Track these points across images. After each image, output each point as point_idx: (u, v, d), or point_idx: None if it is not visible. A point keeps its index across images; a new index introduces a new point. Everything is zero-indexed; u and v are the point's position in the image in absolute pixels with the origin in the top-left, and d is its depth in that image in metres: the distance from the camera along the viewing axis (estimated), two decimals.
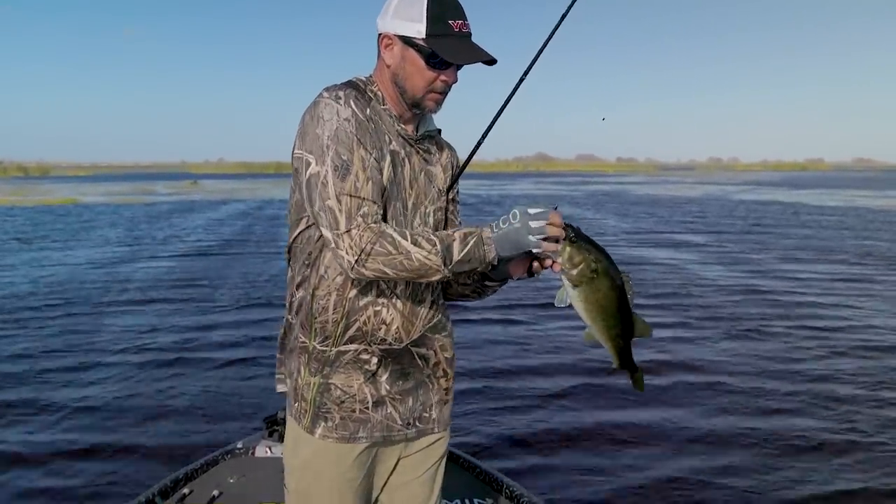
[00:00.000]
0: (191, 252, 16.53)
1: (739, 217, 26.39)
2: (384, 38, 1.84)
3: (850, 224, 23.00)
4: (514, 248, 1.69)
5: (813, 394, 6.09)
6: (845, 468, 4.71)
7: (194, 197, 45.56)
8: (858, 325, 8.67)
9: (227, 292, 11.22)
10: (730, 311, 9.57)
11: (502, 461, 4.74)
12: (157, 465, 4.73)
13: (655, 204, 35.35)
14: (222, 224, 24.77)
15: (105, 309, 9.96)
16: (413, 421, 1.96)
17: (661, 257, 14.96)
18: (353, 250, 1.64)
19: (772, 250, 16.07)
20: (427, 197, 1.93)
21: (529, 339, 8.11)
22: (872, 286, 11.42)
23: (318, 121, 1.73)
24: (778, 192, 47.88)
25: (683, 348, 7.59)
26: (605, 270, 1.74)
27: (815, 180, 78.94)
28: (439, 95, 1.85)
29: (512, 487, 3.03)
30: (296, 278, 1.90)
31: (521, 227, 1.67)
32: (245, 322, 9.08)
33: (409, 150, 1.90)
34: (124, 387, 6.48)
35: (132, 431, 5.39)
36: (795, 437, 5.17)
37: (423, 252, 1.65)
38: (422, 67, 1.80)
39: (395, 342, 1.88)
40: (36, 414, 5.75)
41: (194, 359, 7.35)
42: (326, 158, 1.70)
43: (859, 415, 5.61)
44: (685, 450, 5.01)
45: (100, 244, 18.26)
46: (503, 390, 6.27)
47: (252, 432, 3.73)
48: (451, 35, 1.78)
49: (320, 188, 1.69)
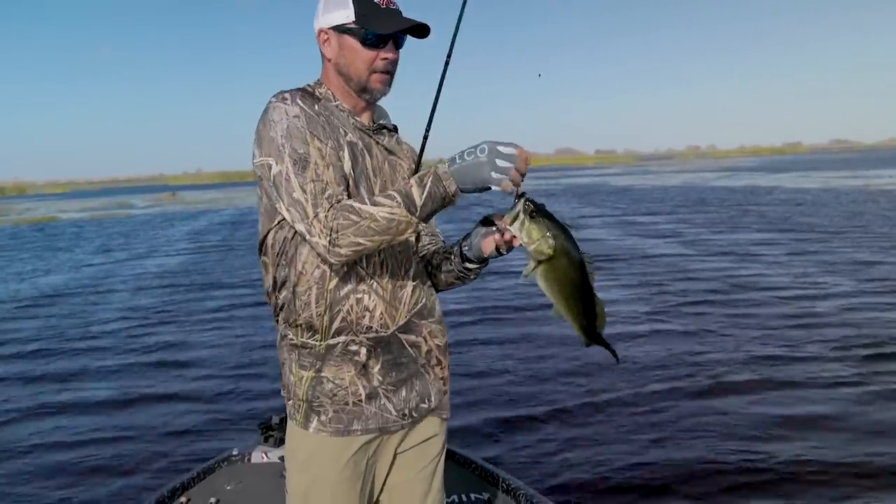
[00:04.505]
0: (180, 256, 16.47)
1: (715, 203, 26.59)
2: (321, 35, 1.91)
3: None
4: (475, 182, 1.64)
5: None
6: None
7: (173, 209, 45.21)
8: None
9: (218, 296, 11.21)
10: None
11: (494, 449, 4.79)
12: (154, 475, 4.75)
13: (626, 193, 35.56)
14: (205, 232, 24.67)
15: (92, 317, 9.94)
16: (409, 412, 1.96)
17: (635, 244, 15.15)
18: (324, 232, 1.65)
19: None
20: (394, 185, 1.93)
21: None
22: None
23: (270, 124, 1.78)
24: (757, 177, 48.31)
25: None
26: (563, 248, 1.72)
27: (793, 164, 79.63)
28: (384, 75, 1.89)
29: (508, 481, 3.03)
30: (276, 281, 1.92)
31: (486, 161, 1.62)
32: (238, 327, 9.10)
33: (368, 140, 1.93)
34: (117, 394, 6.51)
35: (127, 441, 5.40)
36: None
37: (386, 209, 1.64)
38: (359, 49, 1.85)
39: (382, 328, 1.89)
40: (30, 420, 5.74)
41: (188, 365, 7.38)
42: (284, 156, 1.73)
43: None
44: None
45: (91, 253, 18.17)
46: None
47: (248, 438, 3.75)
48: (378, 12, 1.85)
49: (285, 185, 1.72)
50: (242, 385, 6.63)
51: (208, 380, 6.92)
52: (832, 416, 5.23)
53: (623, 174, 74.60)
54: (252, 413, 5.74)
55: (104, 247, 22.04)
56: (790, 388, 5.86)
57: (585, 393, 5.97)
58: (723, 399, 5.69)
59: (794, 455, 4.63)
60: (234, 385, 6.66)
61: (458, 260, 2.00)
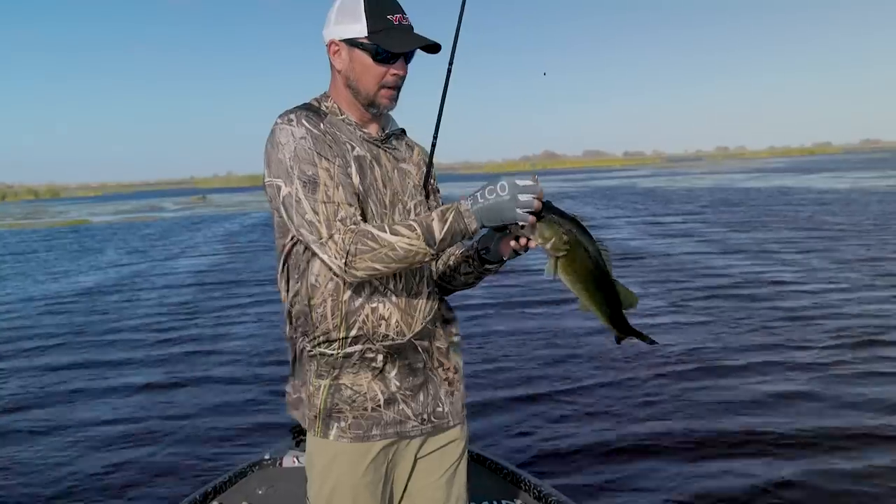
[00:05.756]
0: (216, 256, 16.69)
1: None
2: (331, 46, 1.91)
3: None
4: (499, 219, 1.70)
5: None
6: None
7: (202, 211, 45.72)
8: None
9: (249, 301, 11.34)
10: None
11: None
12: (186, 479, 4.80)
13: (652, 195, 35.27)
14: (237, 234, 24.95)
15: (116, 323, 10.10)
16: (428, 416, 1.97)
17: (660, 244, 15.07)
18: (339, 254, 1.68)
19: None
20: (405, 193, 1.97)
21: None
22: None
23: (277, 146, 1.80)
24: (786, 178, 47.66)
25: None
26: (577, 241, 1.75)
27: (822, 164, 78.43)
28: (392, 91, 1.90)
29: (540, 487, 3.00)
30: (290, 294, 1.93)
31: (509, 198, 1.67)
32: (270, 332, 9.17)
33: (377, 151, 1.94)
34: (149, 401, 6.58)
35: (160, 446, 5.47)
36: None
37: (405, 240, 1.68)
38: (370, 65, 1.86)
39: (398, 336, 1.90)
40: (58, 431, 5.87)
41: (220, 371, 7.46)
42: (293, 178, 1.76)
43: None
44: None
45: (116, 258, 18.45)
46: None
47: (279, 443, 3.77)
48: (391, 28, 1.85)
49: (296, 206, 1.75)
50: (275, 387, 6.64)
51: (240, 384, 6.98)
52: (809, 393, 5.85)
53: (651, 175, 73.92)
54: (284, 417, 5.78)
55: (136, 248, 22.40)
56: (782, 369, 6.51)
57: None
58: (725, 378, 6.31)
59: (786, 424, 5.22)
60: (267, 388, 6.70)
61: (476, 262, 2.03)
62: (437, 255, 1.73)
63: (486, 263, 2.02)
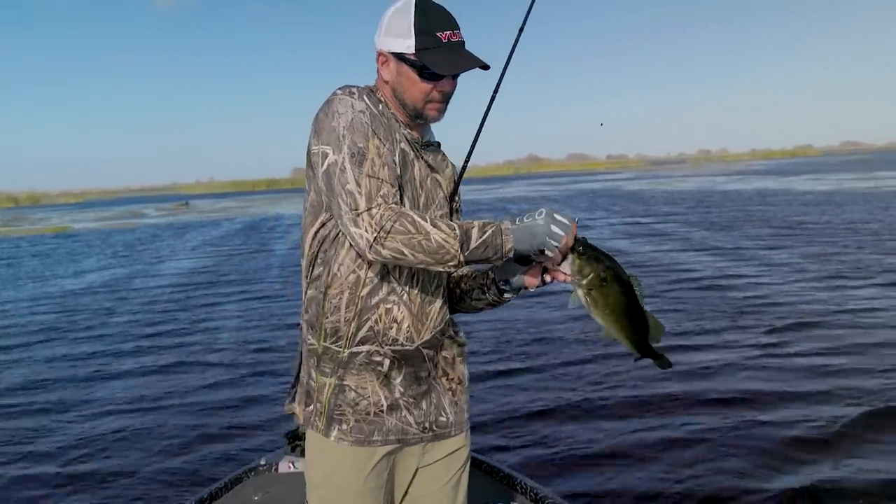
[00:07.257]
0: (200, 261, 16.60)
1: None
2: (380, 56, 1.90)
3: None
4: (529, 243, 1.71)
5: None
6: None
7: (186, 218, 45.40)
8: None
9: (244, 304, 11.22)
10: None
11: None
12: (181, 486, 4.78)
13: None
14: (222, 239, 24.79)
15: (109, 330, 10.03)
16: (430, 425, 1.97)
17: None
18: (372, 227, 1.65)
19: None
20: (434, 202, 1.97)
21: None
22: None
23: (334, 115, 1.79)
24: (767, 180, 48.05)
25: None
26: (615, 277, 1.80)
27: (802, 166, 79.14)
28: (439, 104, 1.90)
29: (536, 490, 2.99)
30: (310, 279, 1.92)
31: (543, 225, 1.69)
32: (266, 336, 9.14)
33: (416, 154, 1.94)
34: (143, 407, 6.54)
35: (155, 453, 5.43)
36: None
37: (443, 234, 1.66)
38: (416, 81, 1.86)
39: (407, 342, 1.90)
40: (47, 441, 5.81)
41: (216, 375, 7.42)
42: (343, 147, 1.74)
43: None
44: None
45: (99, 268, 18.30)
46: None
47: (274, 448, 3.75)
48: (440, 46, 1.83)
49: (339, 175, 1.73)
50: (269, 394, 6.66)
51: (233, 387, 6.97)
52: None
53: (634, 179, 74.29)
54: (283, 418, 5.78)
55: (118, 254, 22.19)
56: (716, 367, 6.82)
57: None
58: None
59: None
60: (261, 395, 6.68)
61: (493, 292, 2.03)
62: (463, 263, 1.71)
63: (505, 293, 2.02)
